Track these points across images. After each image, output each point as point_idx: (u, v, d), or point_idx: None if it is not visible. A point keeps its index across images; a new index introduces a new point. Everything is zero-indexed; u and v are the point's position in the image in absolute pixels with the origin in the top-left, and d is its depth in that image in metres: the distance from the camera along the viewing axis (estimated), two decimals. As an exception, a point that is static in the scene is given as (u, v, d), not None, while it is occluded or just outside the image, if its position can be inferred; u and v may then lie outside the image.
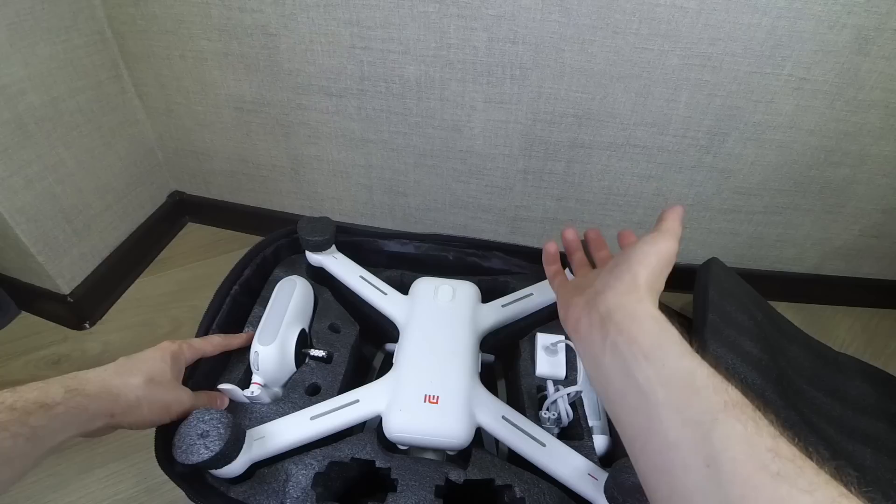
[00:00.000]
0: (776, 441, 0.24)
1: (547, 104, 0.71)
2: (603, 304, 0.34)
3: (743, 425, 0.25)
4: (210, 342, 0.47)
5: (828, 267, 0.89)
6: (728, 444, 0.24)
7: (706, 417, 0.26)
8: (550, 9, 0.62)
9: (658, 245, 0.36)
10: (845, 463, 0.24)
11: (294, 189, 0.92)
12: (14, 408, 0.31)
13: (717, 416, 0.25)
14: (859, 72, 0.63)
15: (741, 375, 0.61)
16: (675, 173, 0.77)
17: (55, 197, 0.71)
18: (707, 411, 0.26)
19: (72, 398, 0.33)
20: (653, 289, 0.34)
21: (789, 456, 0.23)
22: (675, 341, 0.30)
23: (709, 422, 0.25)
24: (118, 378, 0.37)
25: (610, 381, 0.32)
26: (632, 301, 0.33)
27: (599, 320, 0.34)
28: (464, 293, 0.55)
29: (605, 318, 0.33)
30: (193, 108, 0.83)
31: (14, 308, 0.79)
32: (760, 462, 0.23)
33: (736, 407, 0.25)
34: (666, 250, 0.36)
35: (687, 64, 0.65)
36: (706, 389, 0.27)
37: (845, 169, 0.74)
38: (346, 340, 0.54)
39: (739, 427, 0.24)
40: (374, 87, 0.74)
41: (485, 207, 0.86)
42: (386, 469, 0.42)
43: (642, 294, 0.33)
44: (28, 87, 0.65)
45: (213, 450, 0.36)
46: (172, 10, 0.72)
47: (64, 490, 0.59)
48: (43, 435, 0.31)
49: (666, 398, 0.28)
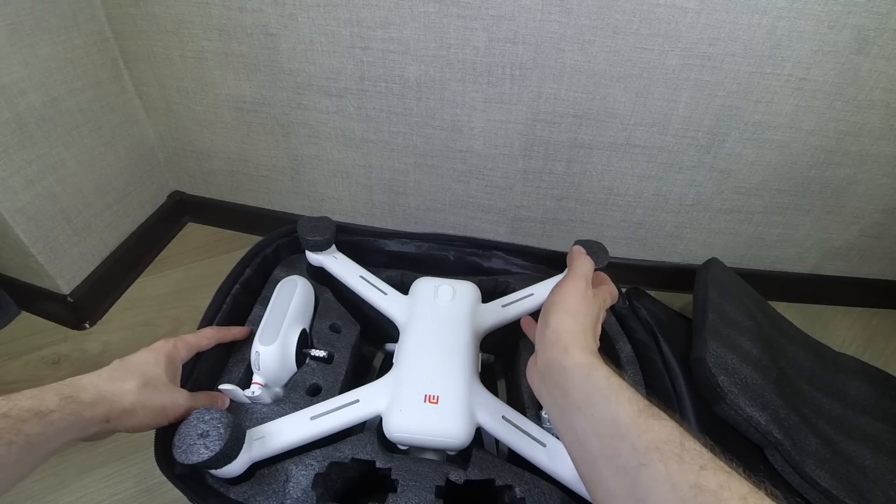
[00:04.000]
0: (700, 474, 0.24)
1: (547, 104, 0.71)
2: (541, 363, 0.36)
3: (665, 466, 0.25)
4: (204, 336, 0.47)
5: (828, 267, 0.89)
6: (653, 488, 0.25)
7: (632, 464, 0.26)
8: (550, 9, 0.62)
9: (562, 289, 0.39)
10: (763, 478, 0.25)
11: (294, 189, 0.92)
12: (8, 416, 0.30)
13: (643, 460, 0.26)
14: (859, 72, 0.63)
15: (741, 375, 0.61)
16: (675, 173, 0.77)
17: (55, 197, 0.71)
18: (633, 457, 0.26)
19: (66, 405, 0.33)
20: (577, 334, 0.36)
21: (713, 487, 0.24)
22: (601, 387, 0.31)
23: (634, 468, 0.26)
24: (112, 384, 0.37)
25: (563, 435, 0.33)
26: (558, 354, 0.34)
27: (540, 379, 0.36)
28: (464, 293, 0.55)
29: (544, 375, 0.35)
30: (193, 108, 0.83)
31: (14, 308, 0.79)
32: (683, 502, 0.24)
33: (660, 447, 0.26)
34: (571, 289, 0.38)
35: (687, 64, 0.65)
36: (630, 434, 0.28)
37: (845, 169, 0.74)
38: (346, 341, 0.54)
39: (662, 469, 0.25)
40: (374, 87, 0.74)
41: (485, 207, 0.86)
42: (386, 469, 0.42)
43: (567, 344, 0.35)
44: (28, 87, 0.65)
45: (214, 450, 0.36)
46: (172, 10, 0.72)
47: (64, 490, 0.59)
48: (37, 443, 0.31)
49: (600, 448, 0.29)
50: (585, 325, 0.36)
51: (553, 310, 0.37)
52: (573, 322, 0.36)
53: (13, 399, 0.32)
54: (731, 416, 0.59)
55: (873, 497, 0.58)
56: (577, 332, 0.35)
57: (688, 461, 0.25)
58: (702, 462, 0.25)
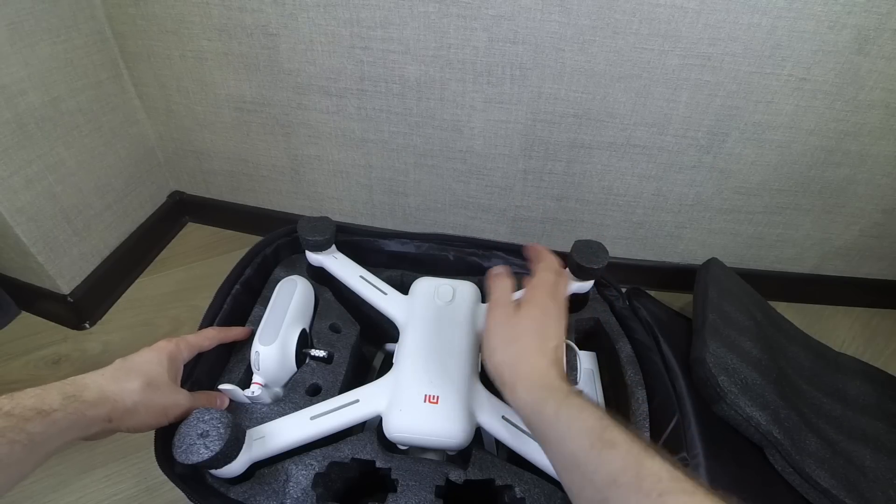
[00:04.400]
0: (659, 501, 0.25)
1: (547, 104, 0.71)
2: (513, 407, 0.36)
3: (626, 499, 0.26)
4: (206, 336, 0.47)
5: (828, 267, 0.89)
6: None
7: (596, 498, 0.27)
8: (550, 9, 0.62)
9: (486, 327, 0.39)
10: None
11: (294, 189, 0.92)
12: (11, 414, 0.30)
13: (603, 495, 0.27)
14: (859, 72, 0.63)
15: (741, 375, 0.61)
16: (675, 173, 0.77)
17: (55, 197, 0.71)
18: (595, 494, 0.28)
19: (69, 404, 0.33)
20: (514, 366, 0.36)
21: None
22: (552, 423, 0.33)
23: (599, 502, 0.27)
24: (115, 383, 0.37)
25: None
26: (508, 395, 0.36)
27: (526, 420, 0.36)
28: (464, 293, 0.55)
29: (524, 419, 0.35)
30: (193, 108, 0.83)
31: (14, 308, 0.79)
32: None
33: (616, 480, 0.27)
34: (490, 324, 0.38)
35: (687, 64, 0.65)
36: (588, 471, 0.29)
37: (845, 169, 0.74)
38: (346, 341, 0.54)
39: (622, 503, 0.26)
40: (374, 87, 0.74)
41: (485, 207, 0.86)
42: (386, 469, 0.42)
43: (510, 383, 0.36)
44: (28, 87, 0.65)
45: (214, 450, 0.36)
46: (172, 10, 0.72)
47: (64, 490, 0.59)
48: (40, 441, 0.31)
49: (569, 482, 0.30)
50: (521, 351, 0.36)
51: (485, 353, 0.37)
52: (505, 356, 0.36)
53: (16, 398, 0.32)
54: (731, 416, 0.59)
55: (873, 497, 0.58)
56: (514, 365, 0.35)
57: (646, 490, 0.25)
58: (661, 488, 0.25)
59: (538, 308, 0.38)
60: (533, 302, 0.39)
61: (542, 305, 0.39)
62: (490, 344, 0.37)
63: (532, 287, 0.41)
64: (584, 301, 0.59)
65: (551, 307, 0.39)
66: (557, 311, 0.39)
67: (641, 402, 0.48)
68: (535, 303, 0.39)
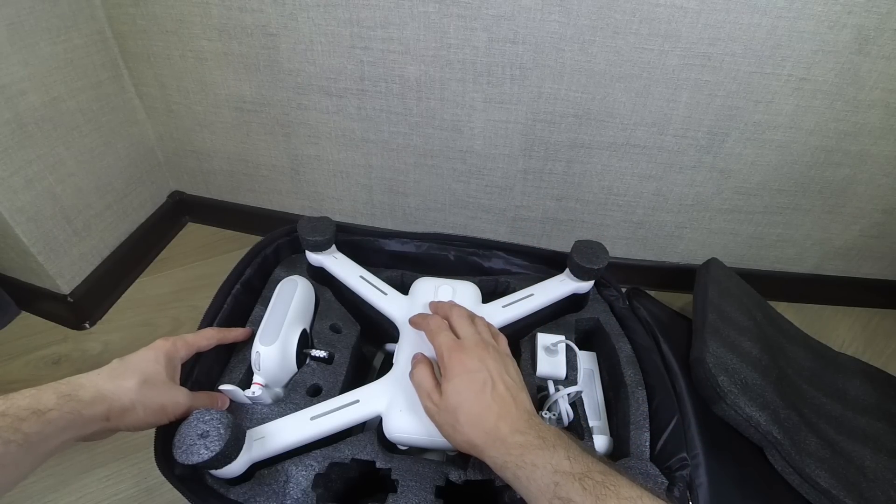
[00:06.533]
0: None
1: (547, 104, 0.71)
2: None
3: None
4: (204, 336, 0.47)
5: (828, 267, 0.89)
6: None
7: None
8: (550, 9, 0.62)
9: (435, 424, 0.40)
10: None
11: (294, 189, 0.92)
12: (6, 414, 0.30)
13: None
14: (859, 72, 0.63)
15: (741, 375, 0.61)
16: (675, 173, 0.77)
17: (55, 197, 0.71)
18: None
19: (65, 404, 0.33)
20: (466, 431, 0.37)
21: None
22: (514, 481, 0.35)
23: None
24: (111, 382, 0.37)
25: None
26: (479, 457, 0.38)
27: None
28: (464, 293, 0.55)
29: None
30: (193, 108, 0.83)
31: (14, 308, 0.79)
32: None
33: None
34: (429, 413, 0.40)
35: (687, 64, 0.65)
36: None
37: (845, 169, 0.74)
38: (347, 341, 0.54)
39: None
40: (374, 87, 0.74)
41: (485, 207, 0.86)
42: (386, 470, 0.42)
43: (475, 448, 0.37)
44: (28, 87, 0.65)
45: (214, 450, 0.36)
46: (172, 10, 0.72)
47: (64, 490, 0.59)
48: (36, 441, 0.31)
49: None
50: (467, 426, 0.37)
51: (443, 430, 0.39)
52: (459, 436, 0.37)
53: (11, 398, 0.32)
54: (731, 417, 0.59)
55: (873, 497, 0.58)
56: (469, 441, 0.37)
57: None
58: None
59: (456, 377, 0.39)
60: (449, 375, 0.40)
61: (460, 370, 0.39)
62: (444, 433, 0.39)
63: (441, 358, 0.41)
64: (584, 301, 0.59)
65: (470, 362, 0.40)
66: (479, 354, 0.40)
67: (641, 402, 0.48)
68: (451, 375, 0.39)
